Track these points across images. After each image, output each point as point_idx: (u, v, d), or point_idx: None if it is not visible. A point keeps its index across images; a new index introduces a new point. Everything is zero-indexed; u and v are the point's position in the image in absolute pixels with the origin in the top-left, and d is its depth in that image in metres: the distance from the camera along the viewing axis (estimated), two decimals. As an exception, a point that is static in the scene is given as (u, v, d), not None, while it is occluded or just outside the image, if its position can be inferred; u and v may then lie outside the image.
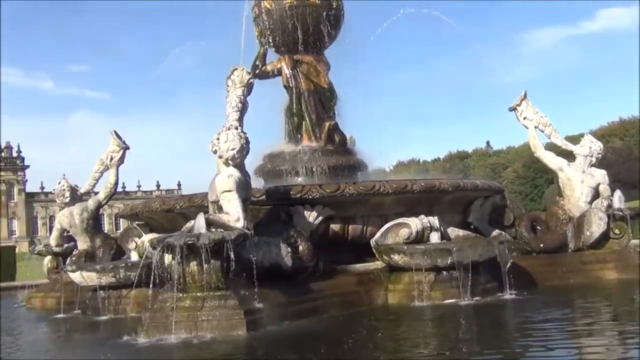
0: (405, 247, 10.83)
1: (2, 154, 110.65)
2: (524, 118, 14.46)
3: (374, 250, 11.22)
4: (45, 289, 14.44)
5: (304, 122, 14.22)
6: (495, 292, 10.80)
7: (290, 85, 14.28)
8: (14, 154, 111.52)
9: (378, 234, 11.26)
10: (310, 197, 10.98)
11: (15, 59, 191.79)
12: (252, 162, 12.66)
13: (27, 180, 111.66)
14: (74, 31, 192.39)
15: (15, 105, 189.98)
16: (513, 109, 14.58)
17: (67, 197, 14.11)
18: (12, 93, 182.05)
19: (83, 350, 8.97)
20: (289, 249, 9.96)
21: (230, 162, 9.48)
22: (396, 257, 10.88)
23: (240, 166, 9.64)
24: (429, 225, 11.13)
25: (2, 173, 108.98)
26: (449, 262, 10.47)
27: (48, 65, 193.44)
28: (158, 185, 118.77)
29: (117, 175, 14.44)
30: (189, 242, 8.56)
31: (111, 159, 14.40)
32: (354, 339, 7.91)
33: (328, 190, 11.08)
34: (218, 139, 9.53)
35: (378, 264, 11.30)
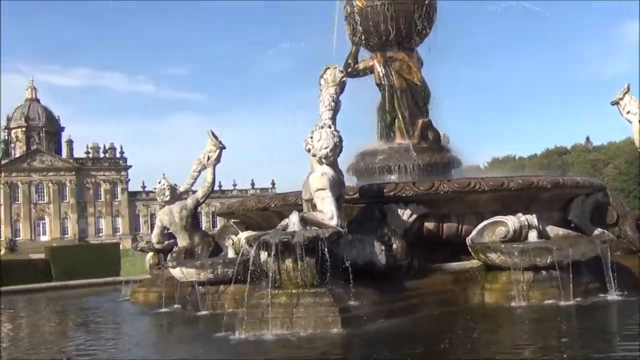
0: (503, 246, 10.56)
1: (106, 155, 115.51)
2: (627, 112, 13.82)
3: (470, 249, 11.00)
4: (148, 284, 14.94)
5: (396, 120, 14.10)
6: (598, 293, 10.38)
7: (383, 82, 14.19)
8: (117, 155, 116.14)
9: (474, 232, 11.03)
10: (404, 195, 10.87)
11: (119, 65, 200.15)
12: (345, 161, 12.65)
13: (129, 180, 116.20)
14: (172, 36, 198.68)
15: (119, 109, 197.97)
16: (615, 102, 13.96)
17: (167, 196, 14.52)
18: (116, 97, 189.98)
19: (183, 344, 9.22)
20: (383, 247, 9.90)
21: (323, 160, 9.51)
22: (493, 256, 10.63)
23: (333, 164, 9.66)
24: (526, 223, 10.81)
25: (106, 173, 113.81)
26: (548, 262, 10.13)
27: (148, 70, 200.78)
28: (253, 184, 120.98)
29: (214, 174, 14.74)
30: (284, 239, 8.65)
31: (208, 158, 14.70)
32: (450, 339, 7.78)
33: (422, 188, 10.94)
34: (311, 137, 9.58)
35: (474, 263, 11.08)
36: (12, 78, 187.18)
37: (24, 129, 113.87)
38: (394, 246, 10.08)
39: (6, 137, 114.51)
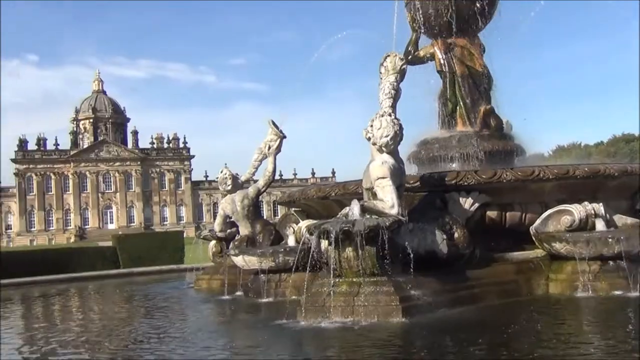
0: (568, 235, 10.32)
1: (170, 145, 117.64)
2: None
3: (534, 238, 10.79)
4: (211, 272, 15.18)
5: (458, 107, 13.90)
6: (668, 284, 10.02)
7: (444, 69, 14.00)
8: (181, 145, 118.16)
9: (538, 221, 10.81)
10: (465, 183, 10.72)
11: (182, 56, 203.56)
12: (405, 149, 12.56)
13: (192, 169, 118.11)
14: (233, 27, 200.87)
15: (182, 99, 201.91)
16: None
17: (229, 185, 14.69)
18: (179, 88, 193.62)
19: (245, 331, 9.34)
20: (444, 236, 9.81)
21: (384, 149, 9.46)
22: (557, 246, 10.40)
23: (394, 153, 9.59)
24: (593, 212, 10.53)
25: (170, 163, 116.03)
26: (615, 252, 9.85)
27: (210, 61, 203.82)
28: (313, 173, 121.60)
29: (275, 164, 14.83)
30: (345, 228, 8.65)
31: (269, 147, 14.78)
32: (514, 329, 7.65)
33: (484, 177, 10.77)
34: (372, 126, 9.53)
35: (538, 252, 10.86)
36: (80, 71, 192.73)
37: (91, 121, 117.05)
38: (456, 235, 9.97)
39: (75, 129, 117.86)
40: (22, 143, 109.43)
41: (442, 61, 13.98)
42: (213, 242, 15.53)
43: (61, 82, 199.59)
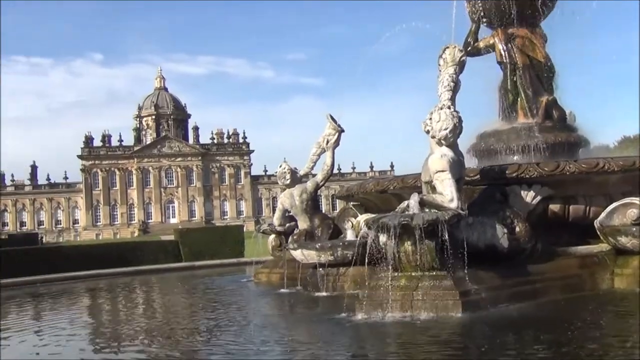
0: (634, 229, 10.02)
1: (230, 140, 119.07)
2: None
3: (598, 232, 10.50)
4: (270, 265, 15.30)
5: (519, 99, 13.62)
6: None
7: (504, 60, 13.73)
8: (240, 140, 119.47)
9: (602, 214, 10.52)
10: (527, 176, 10.50)
11: (241, 52, 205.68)
12: (465, 142, 12.38)
13: (252, 164, 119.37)
14: (291, 22, 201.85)
15: (241, 95, 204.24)
16: None
17: (287, 180, 14.77)
18: (238, 83, 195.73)
19: (304, 324, 9.38)
20: (505, 230, 9.63)
21: (443, 141, 9.35)
22: (623, 240, 10.10)
23: (453, 146, 9.47)
24: (661, 205, 10.18)
25: (230, 158, 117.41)
26: (685, 246, 9.51)
27: (269, 56, 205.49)
28: (371, 167, 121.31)
29: (333, 158, 14.84)
30: (403, 222, 8.60)
31: (327, 142, 14.80)
32: (578, 326, 7.47)
33: (547, 169, 10.53)
34: (431, 118, 9.43)
35: (603, 247, 10.57)
36: (142, 69, 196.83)
37: (153, 117, 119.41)
38: (517, 229, 9.79)
39: (138, 125, 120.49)
40: (88, 140, 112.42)
41: (502, 52, 13.71)
42: (272, 236, 15.64)
43: (124, 80, 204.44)
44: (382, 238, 9.07)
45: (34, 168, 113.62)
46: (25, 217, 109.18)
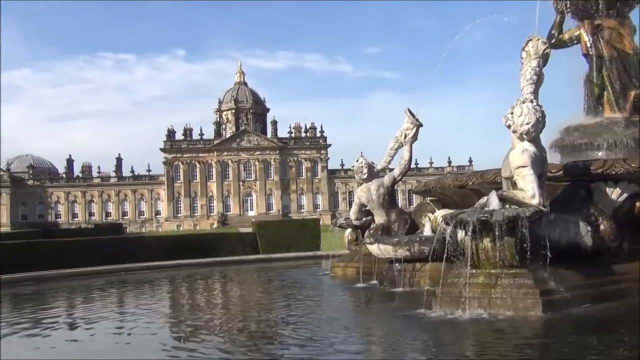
0: None
1: (307, 134, 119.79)
2: None
3: (690, 232, 10.02)
4: (346, 259, 15.33)
5: (605, 92, 13.14)
6: None
7: (590, 53, 13.27)
8: (318, 134, 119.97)
9: (694, 214, 10.02)
10: (613, 172, 10.12)
11: (319, 47, 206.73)
12: (548, 137, 12.04)
13: (329, 158, 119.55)
14: (369, 15, 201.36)
15: (319, 89, 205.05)
16: None
17: (364, 174, 14.74)
18: (316, 78, 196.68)
19: (380, 319, 9.35)
20: (589, 228, 9.33)
21: (524, 136, 9.12)
22: None
23: (535, 141, 9.23)
24: None
25: (307, 152, 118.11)
26: None
27: (346, 50, 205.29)
28: (449, 162, 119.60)
29: (410, 152, 14.71)
30: (482, 218, 8.45)
31: (405, 136, 14.67)
32: (665, 329, 7.16)
33: (634, 165, 10.11)
34: (512, 113, 9.22)
35: (695, 247, 10.07)
36: (223, 64, 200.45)
37: (233, 111, 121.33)
38: (602, 227, 9.46)
39: (218, 119, 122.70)
40: (170, 133, 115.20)
41: (588, 44, 13.26)
42: (349, 230, 15.67)
43: (205, 75, 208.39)
44: (460, 234, 8.94)
45: (119, 160, 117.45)
46: (111, 208, 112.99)
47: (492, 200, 8.82)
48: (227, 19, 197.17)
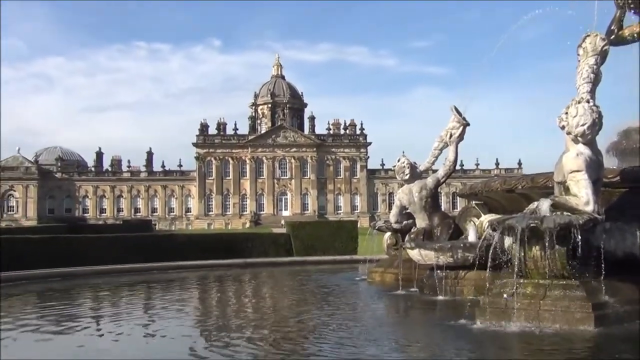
0: None
1: (347, 132, 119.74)
2: None
3: None
4: (385, 265, 15.30)
5: (669, 93, 12.88)
6: None
7: (653, 50, 13.03)
8: (357, 132, 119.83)
9: None
10: (675, 179, 9.94)
11: (362, 40, 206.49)
12: (604, 139, 11.84)
13: (368, 157, 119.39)
14: (416, 8, 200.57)
15: (360, 84, 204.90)
16: None
17: (406, 175, 14.69)
18: (358, 72, 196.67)
19: (420, 329, 9.32)
20: (648, 238, 9.15)
21: (579, 138, 8.99)
22: None
23: (591, 143, 9.09)
24: None
25: (346, 150, 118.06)
26: None
27: (392, 44, 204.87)
28: (497, 164, 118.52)
29: (456, 153, 14.62)
30: (532, 225, 8.36)
31: (451, 135, 14.59)
32: None
33: (698, 172, 9.92)
34: (567, 113, 9.10)
35: None
36: (260, 56, 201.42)
37: (269, 106, 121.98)
38: (662, 238, 9.27)
39: (253, 114, 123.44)
40: (203, 128, 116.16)
41: (651, 40, 13.01)
42: (388, 233, 15.63)
43: (242, 67, 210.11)
44: (508, 241, 8.86)
45: (149, 155, 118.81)
46: (140, 204, 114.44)
47: (543, 206, 8.72)
48: (265, 7, 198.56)
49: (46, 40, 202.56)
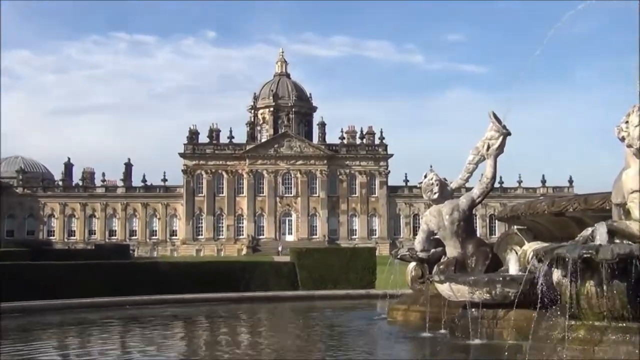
0: None
1: (364, 141, 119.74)
2: None
3: None
4: (408, 301, 15.27)
5: None
6: None
7: None
8: (377, 141, 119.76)
9: None
10: None
11: (385, 32, 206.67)
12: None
13: (389, 172, 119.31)
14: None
15: (380, 84, 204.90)
16: None
17: (435, 193, 14.69)
18: (379, 70, 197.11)
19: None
20: None
21: (643, 152, 9.01)
22: None
23: (657, 158, 9.10)
24: None
25: (363, 163, 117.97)
26: None
27: (420, 37, 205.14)
28: (544, 181, 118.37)
29: (495, 168, 14.62)
30: (585, 255, 8.35)
31: (488, 147, 14.58)
32: None
33: None
34: (627, 122, 9.11)
35: None
36: (262, 50, 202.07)
37: (271, 109, 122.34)
38: None
39: (252, 119, 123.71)
40: (193, 135, 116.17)
41: None
42: (412, 263, 15.62)
43: (240, 63, 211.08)
44: (557, 274, 8.86)
45: (128, 166, 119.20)
46: (116, 225, 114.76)
47: (599, 233, 8.71)
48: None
49: (9, 30, 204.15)
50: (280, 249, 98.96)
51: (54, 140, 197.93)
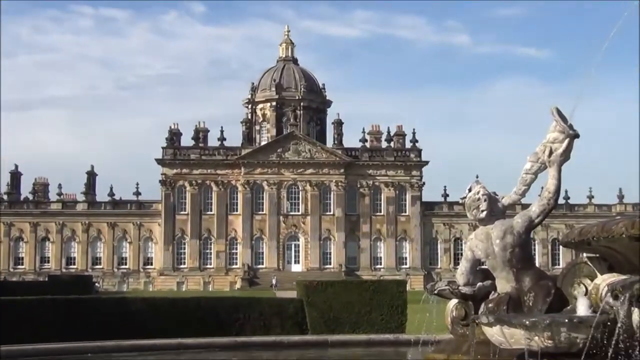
0: None
1: (391, 145, 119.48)
2: None
3: None
4: (448, 349, 15.26)
5: None
6: None
7: None
8: (408, 145, 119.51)
9: None
10: None
11: (418, 6, 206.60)
12: None
13: (424, 184, 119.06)
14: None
15: (413, 73, 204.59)
16: None
17: (482, 211, 14.66)
18: (412, 54, 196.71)
19: None
20: None
21: None
22: None
23: None
24: None
25: (390, 172, 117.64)
26: None
27: (464, 12, 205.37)
28: (621, 197, 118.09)
29: (559, 179, 14.57)
30: (676, 291, 8.35)
31: (551, 152, 14.55)
32: None
33: None
34: None
35: None
36: (263, 28, 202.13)
37: (273, 104, 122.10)
38: None
39: (249, 116, 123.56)
40: (174, 136, 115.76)
41: None
42: (454, 301, 15.60)
43: (234, 44, 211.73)
44: (638, 315, 8.84)
45: (91, 176, 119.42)
46: (75, 251, 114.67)
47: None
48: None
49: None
50: (274, 282, 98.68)
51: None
